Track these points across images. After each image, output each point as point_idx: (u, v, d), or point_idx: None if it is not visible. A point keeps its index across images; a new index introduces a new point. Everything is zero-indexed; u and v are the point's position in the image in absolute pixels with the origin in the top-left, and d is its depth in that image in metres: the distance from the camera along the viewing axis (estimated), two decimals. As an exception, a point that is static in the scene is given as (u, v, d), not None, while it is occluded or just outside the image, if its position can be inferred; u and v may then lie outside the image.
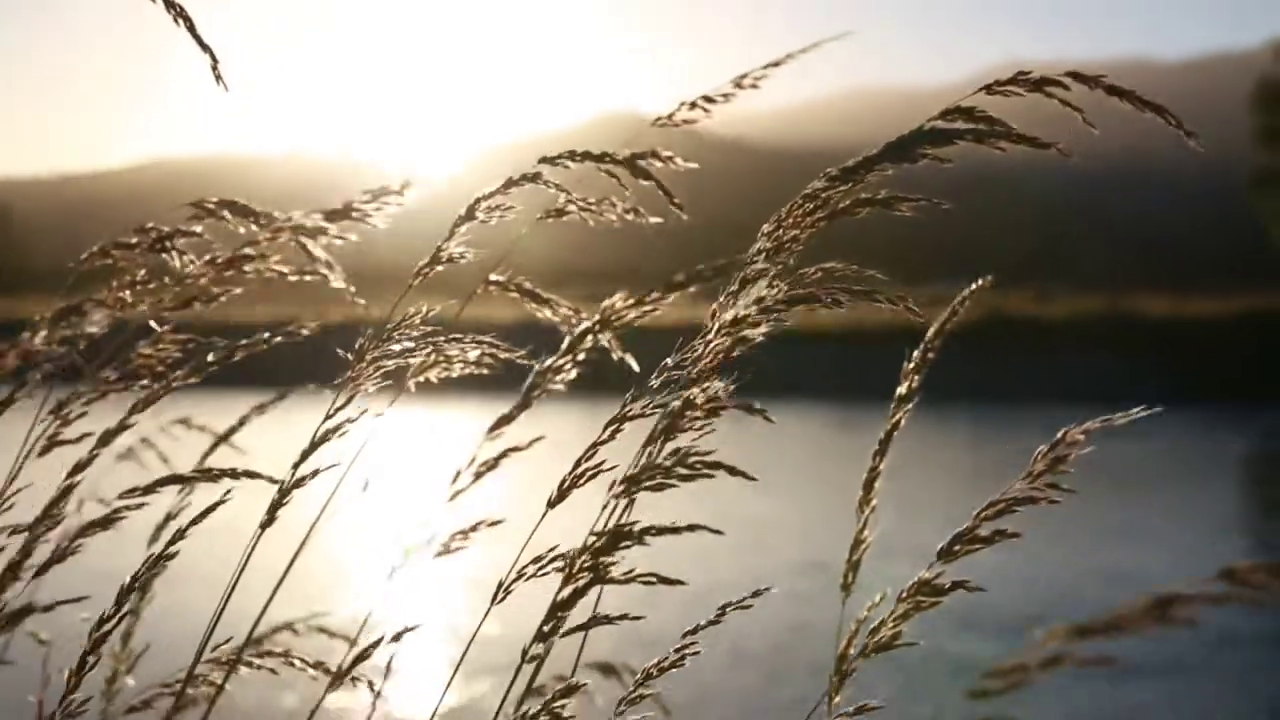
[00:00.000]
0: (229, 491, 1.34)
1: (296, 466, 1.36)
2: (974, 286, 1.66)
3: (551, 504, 1.30)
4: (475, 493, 1.48)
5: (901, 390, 1.60)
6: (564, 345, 1.30)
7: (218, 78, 1.18)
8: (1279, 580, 0.63)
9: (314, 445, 1.36)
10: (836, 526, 1.46)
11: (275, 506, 1.35)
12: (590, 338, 1.29)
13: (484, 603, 1.32)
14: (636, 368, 1.34)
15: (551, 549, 1.30)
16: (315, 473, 1.35)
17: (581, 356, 1.30)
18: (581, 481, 1.30)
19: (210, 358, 1.36)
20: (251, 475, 1.43)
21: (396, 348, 1.40)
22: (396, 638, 1.34)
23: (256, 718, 6.74)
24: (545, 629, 1.29)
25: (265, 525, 1.34)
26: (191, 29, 1.16)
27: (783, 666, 8.31)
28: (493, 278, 1.46)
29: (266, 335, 1.44)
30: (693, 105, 1.44)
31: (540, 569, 1.30)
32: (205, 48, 1.17)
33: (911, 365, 1.62)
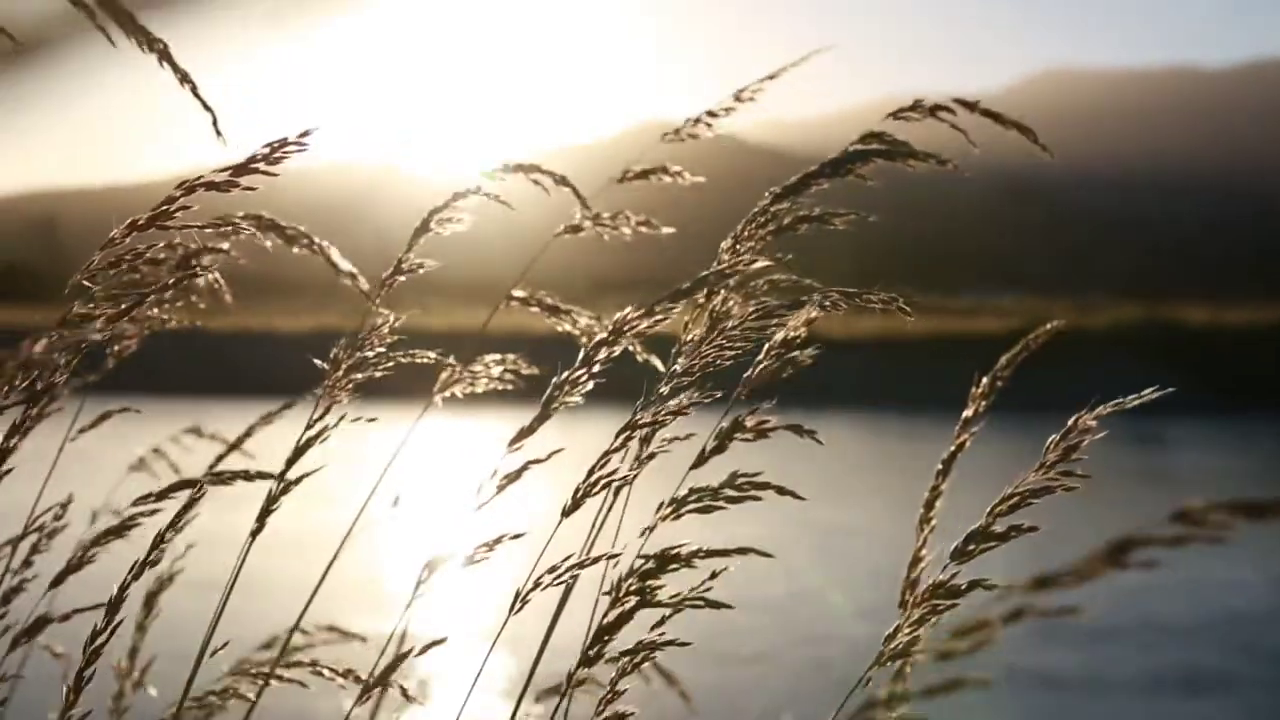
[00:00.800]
0: (200, 489, 1.34)
1: (282, 475, 1.38)
2: (1047, 327, 1.67)
3: (566, 513, 1.31)
4: (497, 502, 1.50)
5: (968, 413, 1.58)
6: (579, 358, 1.32)
7: (218, 133, 1.22)
8: (1237, 520, 0.63)
9: (297, 453, 1.40)
10: (901, 537, 1.45)
11: (264, 514, 1.37)
12: (605, 349, 1.31)
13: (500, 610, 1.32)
14: (663, 369, 1.37)
15: (566, 558, 1.31)
16: (300, 480, 1.37)
17: (597, 369, 1.32)
18: (595, 490, 1.30)
19: (153, 312, 1.37)
20: (264, 476, 1.44)
21: (370, 355, 1.45)
22: (424, 650, 1.35)
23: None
24: (590, 654, 1.28)
25: (255, 533, 1.36)
26: (195, 91, 1.20)
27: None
28: (515, 293, 1.51)
29: (171, 281, 1.42)
30: (696, 121, 1.55)
31: (557, 578, 1.30)
32: (207, 107, 1.21)
33: (980, 390, 1.60)
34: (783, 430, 1.28)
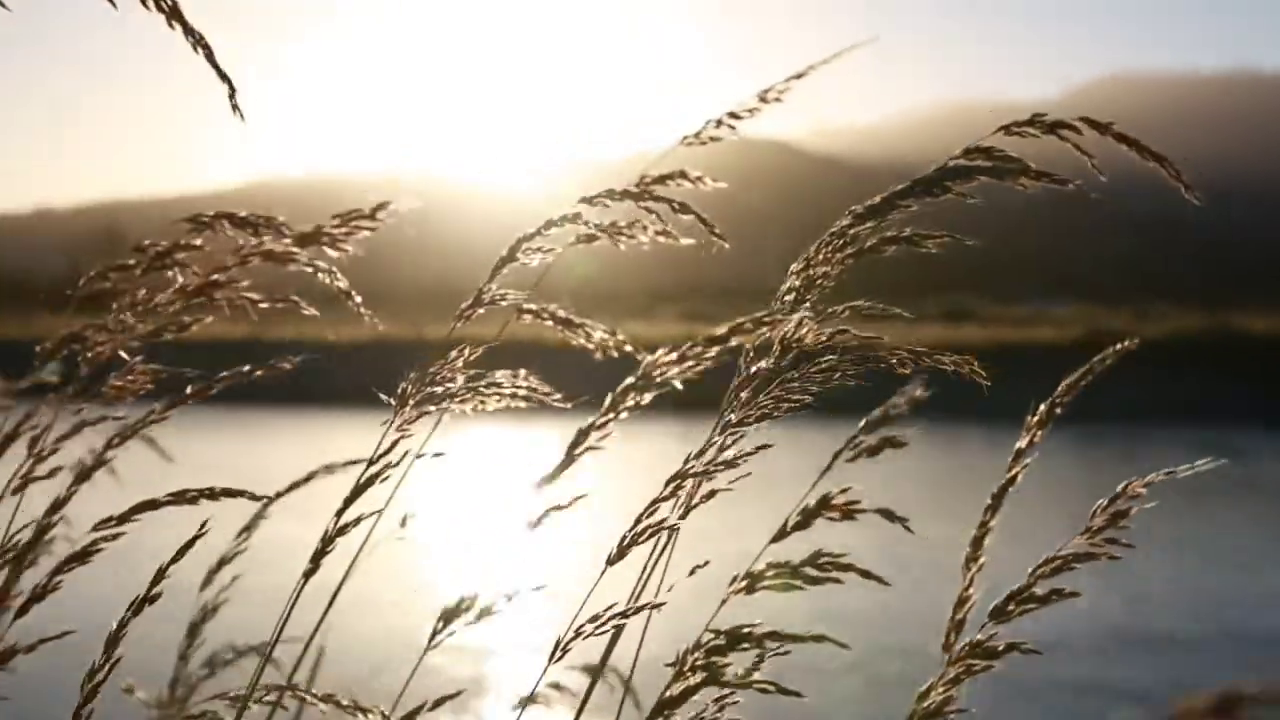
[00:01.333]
0: (205, 524, 1.28)
1: (340, 513, 1.30)
2: (1116, 348, 1.55)
3: (611, 561, 1.23)
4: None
5: (1021, 444, 1.50)
6: (606, 403, 1.25)
7: (234, 108, 1.14)
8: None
9: (358, 490, 1.31)
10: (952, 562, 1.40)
11: (319, 555, 1.29)
12: (633, 395, 1.23)
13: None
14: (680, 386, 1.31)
15: (609, 607, 1.23)
16: (358, 520, 1.29)
17: (624, 415, 1.25)
18: (641, 539, 1.23)
19: (188, 390, 1.36)
20: (231, 494, 1.36)
21: (439, 390, 1.36)
22: (436, 705, 1.29)
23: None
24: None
25: (309, 574, 1.29)
26: (210, 58, 1.12)
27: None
28: (525, 306, 1.41)
29: (246, 369, 1.43)
30: (719, 123, 1.45)
31: (599, 627, 1.23)
32: (224, 77, 1.12)
33: (1036, 419, 1.51)
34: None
